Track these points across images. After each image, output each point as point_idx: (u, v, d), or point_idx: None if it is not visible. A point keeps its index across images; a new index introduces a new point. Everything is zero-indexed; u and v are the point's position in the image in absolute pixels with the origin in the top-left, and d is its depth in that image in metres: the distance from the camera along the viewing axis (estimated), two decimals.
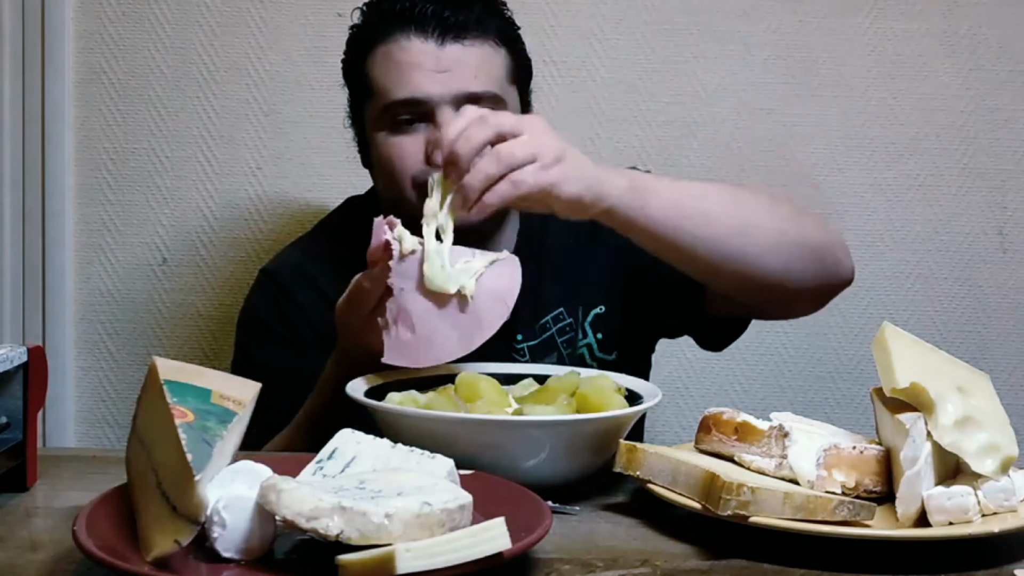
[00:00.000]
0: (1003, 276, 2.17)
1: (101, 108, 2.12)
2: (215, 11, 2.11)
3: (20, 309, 2.13)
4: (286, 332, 1.61)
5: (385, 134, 1.55)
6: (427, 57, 1.52)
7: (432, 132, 1.49)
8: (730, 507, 1.03)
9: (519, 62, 1.60)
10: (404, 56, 1.53)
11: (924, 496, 1.07)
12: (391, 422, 1.20)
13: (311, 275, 1.63)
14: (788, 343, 2.16)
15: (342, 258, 1.51)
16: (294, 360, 1.58)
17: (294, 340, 1.61)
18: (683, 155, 2.13)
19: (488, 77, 1.54)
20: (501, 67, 1.56)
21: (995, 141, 2.15)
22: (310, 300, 1.61)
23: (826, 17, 2.12)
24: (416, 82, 1.51)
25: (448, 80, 1.51)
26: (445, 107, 1.51)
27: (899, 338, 1.17)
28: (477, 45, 1.53)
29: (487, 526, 0.92)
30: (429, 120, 1.52)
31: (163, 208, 2.14)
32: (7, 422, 1.19)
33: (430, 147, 1.43)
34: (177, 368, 1.04)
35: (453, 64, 1.52)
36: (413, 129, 1.53)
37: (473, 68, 1.53)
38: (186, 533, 0.92)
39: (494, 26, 1.56)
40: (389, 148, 1.55)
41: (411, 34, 1.53)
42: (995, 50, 2.13)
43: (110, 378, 2.16)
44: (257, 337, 1.65)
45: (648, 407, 1.25)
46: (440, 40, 1.52)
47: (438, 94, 1.51)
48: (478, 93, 1.51)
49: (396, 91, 1.53)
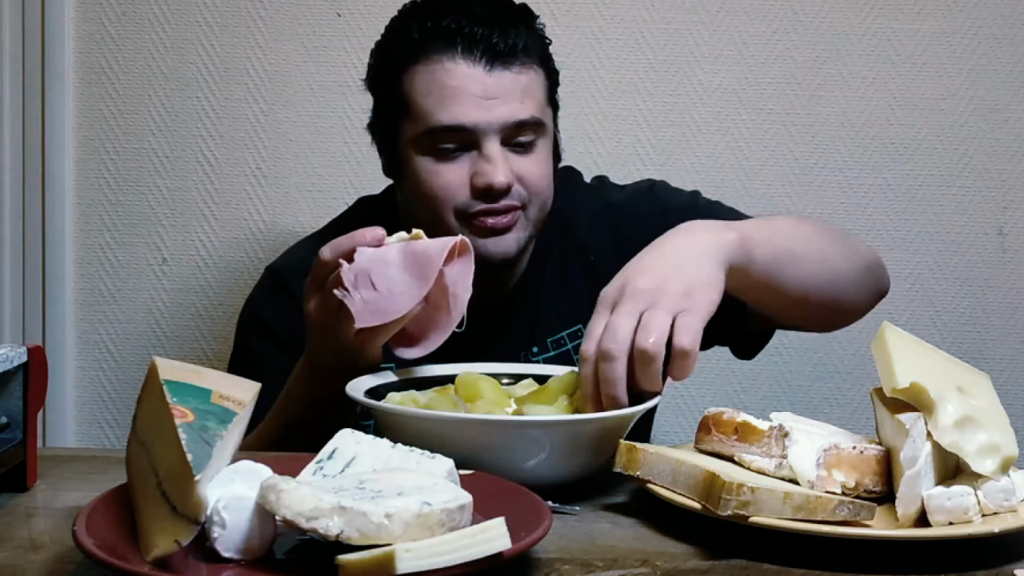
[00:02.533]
0: (1003, 276, 2.17)
1: (101, 108, 2.12)
2: (215, 11, 2.11)
3: (20, 309, 2.13)
4: (284, 333, 1.60)
5: (428, 160, 1.52)
6: (474, 83, 1.49)
7: (479, 163, 1.49)
8: (730, 507, 1.03)
9: (553, 80, 1.59)
10: (449, 80, 1.49)
11: (924, 496, 1.07)
12: (391, 422, 1.20)
13: None
14: (788, 343, 2.16)
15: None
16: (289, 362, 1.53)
17: (291, 342, 1.57)
18: (683, 155, 2.13)
19: (533, 102, 1.52)
20: (542, 89, 1.55)
21: (995, 141, 2.15)
22: None
23: (826, 17, 2.12)
24: (462, 109, 1.48)
25: (495, 107, 1.49)
26: (492, 136, 1.49)
27: (899, 338, 1.17)
28: (524, 71, 1.51)
29: (487, 526, 0.92)
30: (474, 148, 1.50)
31: (163, 208, 2.14)
32: (7, 422, 1.19)
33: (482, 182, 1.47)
34: (177, 368, 1.04)
35: (500, 91, 1.49)
36: (456, 157, 1.51)
37: (519, 95, 1.50)
38: (186, 533, 0.92)
39: (536, 48, 1.54)
40: (432, 177, 1.52)
41: (457, 57, 1.49)
42: (995, 50, 2.13)
43: (110, 378, 2.16)
44: (255, 334, 1.64)
45: (648, 407, 1.25)
46: (488, 66, 1.49)
47: (485, 122, 1.49)
48: (524, 120, 1.50)
49: (440, 116, 1.49)
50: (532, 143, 1.53)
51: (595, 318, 1.23)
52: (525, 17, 1.57)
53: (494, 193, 1.49)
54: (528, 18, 1.57)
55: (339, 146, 2.12)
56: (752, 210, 2.13)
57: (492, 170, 1.48)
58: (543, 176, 1.54)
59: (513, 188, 1.50)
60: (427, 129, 1.51)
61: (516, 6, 1.59)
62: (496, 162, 1.49)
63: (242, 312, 1.70)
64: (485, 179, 1.49)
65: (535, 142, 1.53)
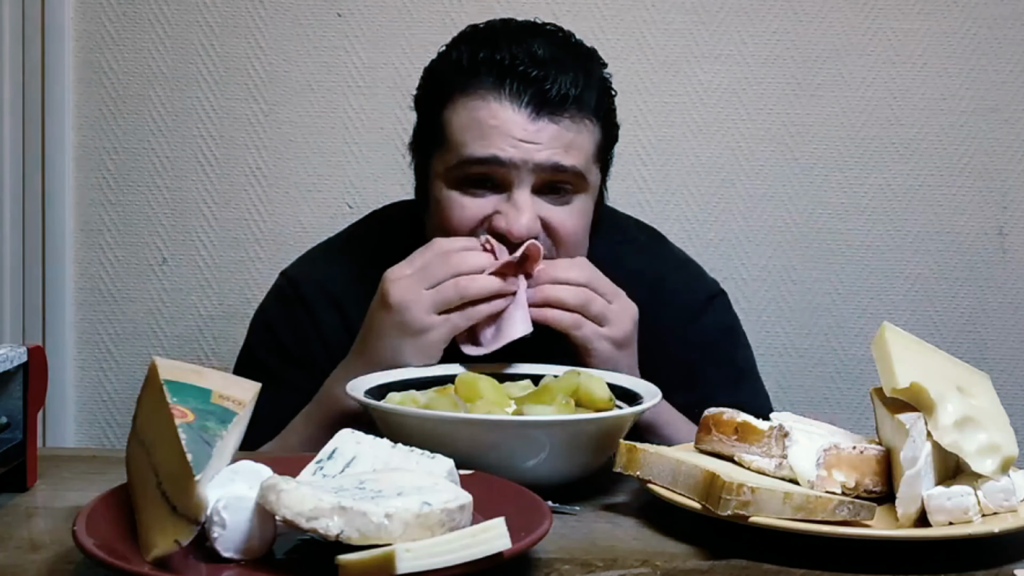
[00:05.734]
0: (1003, 276, 2.17)
1: (101, 108, 2.12)
2: (215, 11, 2.11)
3: (20, 309, 2.13)
4: (294, 346, 1.55)
5: (455, 194, 1.44)
6: (516, 127, 1.40)
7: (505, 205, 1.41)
8: (730, 507, 1.03)
9: (609, 136, 1.50)
10: (490, 119, 1.40)
11: (924, 496, 1.07)
12: (391, 422, 1.20)
13: (334, 293, 1.55)
14: (788, 343, 2.16)
15: (369, 276, 1.43)
16: (294, 375, 1.52)
17: (300, 356, 1.54)
18: (683, 155, 2.13)
19: (577, 154, 1.42)
20: (591, 144, 1.45)
21: (995, 141, 2.15)
22: (329, 318, 1.54)
23: (826, 17, 2.12)
24: (498, 144, 1.40)
25: (534, 152, 1.40)
26: (525, 177, 1.40)
27: (899, 338, 1.17)
28: (573, 125, 1.42)
29: (487, 526, 0.92)
30: (504, 191, 1.42)
31: (163, 208, 2.14)
32: (7, 422, 1.19)
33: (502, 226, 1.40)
34: (177, 368, 1.04)
35: (544, 139, 1.40)
36: (482, 194, 1.43)
37: (563, 146, 1.41)
38: (186, 533, 0.92)
39: (593, 100, 1.45)
40: (452, 206, 1.44)
41: (503, 98, 1.41)
42: (995, 50, 2.13)
43: (110, 378, 2.16)
44: (264, 342, 1.58)
45: (648, 407, 1.25)
46: (534, 113, 1.40)
47: (520, 159, 1.40)
48: (565, 166, 1.41)
49: (474, 149, 1.41)
50: (569, 195, 1.45)
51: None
52: (588, 64, 1.48)
53: (512, 241, 1.40)
54: (591, 65, 1.48)
55: (339, 146, 2.12)
56: (752, 210, 2.14)
57: (516, 215, 1.40)
58: (576, 231, 1.45)
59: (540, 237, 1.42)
60: (459, 161, 1.43)
61: (582, 50, 1.51)
62: (522, 209, 1.40)
63: (254, 319, 1.64)
64: (506, 223, 1.41)
65: (573, 196, 1.45)
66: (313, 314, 1.55)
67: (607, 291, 1.41)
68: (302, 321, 1.55)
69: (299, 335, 1.55)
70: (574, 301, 1.39)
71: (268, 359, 1.56)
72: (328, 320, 1.54)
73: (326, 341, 1.53)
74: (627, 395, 1.31)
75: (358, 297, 1.47)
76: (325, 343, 1.53)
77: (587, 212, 1.48)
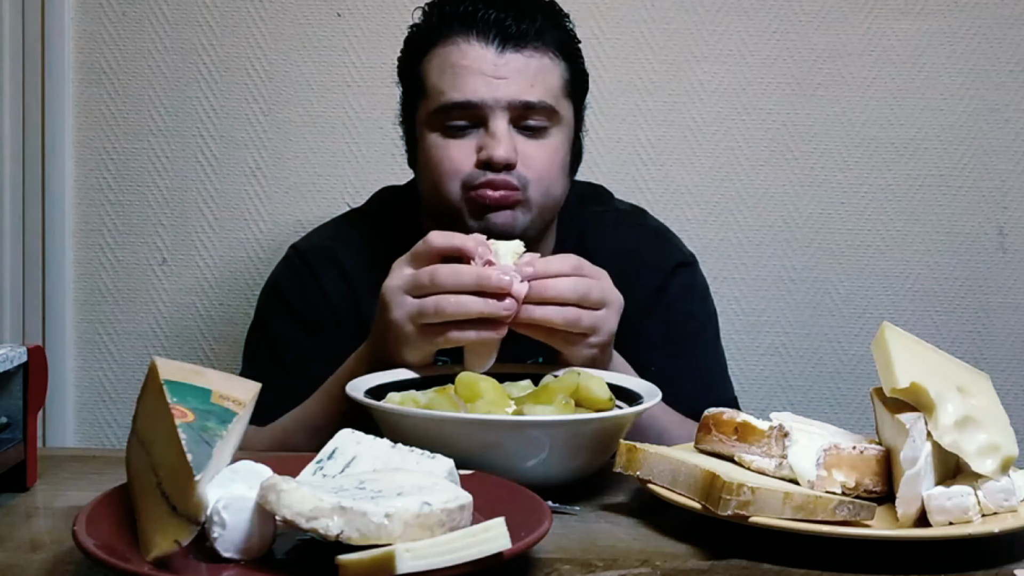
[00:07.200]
0: (1003, 276, 2.17)
1: (101, 108, 2.12)
2: (215, 11, 2.11)
3: (20, 309, 2.13)
4: (303, 311, 1.63)
5: (436, 136, 1.55)
6: (485, 63, 1.52)
7: (485, 138, 1.51)
8: (730, 507, 1.03)
9: (576, 76, 1.60)
10: (461, 59, 1.53)
11: (924, 496, 1.07)
12: (391, 422, 1.20)
13: (340, 260, 1.64)
14: (788, 343, 2.16)
15: (375, 247, 1.58)
16: (304, 340, 1.60)
17: (309, 320, 1.62)
18: (683, 155, 2.13)
19: (545, 88, 1.54)
20: (558, 79, 1.56)
21: (995, 141, 2.15)
22: (334, 285, 1.62)
23: (826, 17, 2.12)
24: (471, 86, 1.52)
25: (504, 87, 1.52)
26: (499, 113, 1.51)
27: (899, 338, 1.17)
28: (536, 56, 1.54)
29: (487, 526, 0.92)
30: (481, 125, 1.53)
31: (163, 208, 2.14)
32: (7, 422, 1.19)
33: (484, 155, 1.50)
34: (177, 368, 1.04)
35: (510, 72, 1.52)
36: (465, 134, 1.54)
37: (530, 78, 1.53)
38: (186, 533, 0.92)
39: (554, 38, 1.56)
40: (439, 151, 1.54)
41: (471, 38, 1.53)
42: (995, 50, 2.13)
43: (110, 378, 2.16)
44: (274, 309, 1.66)
45: (648, 407, 1.25)
46: (500, 47, 1.52)
47: (492, 99, 1.51)
48: (533, 103, 1.52)
49: (450, 93, 1.53)
50: (544, 130, 1.55)
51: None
52: (546, 8, 1.59)
53: (494, 166, 1.51)
54: (549, 10, 1.59)
55: (339, 146, 2.12)
56: (752, 210, 2.14)
57: (495, 144, 1.50)
58: (550, 164, 1.55)
59: (516, 169, 1.52)
60: (439, 106, 1.53)
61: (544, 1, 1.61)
62: (500, 138, 1.51)
63: (264, 290, 1.72)
64: (487, 152, 1.51)
65: (547, 130, 1.55)
66: (319, 280, 1.64)
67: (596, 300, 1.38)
68: (309, 286, 1.64)
69: (307, 301, 1.63)
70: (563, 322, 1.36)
71: (279, 325, 1.64)
72: (334, 288, 1.63)
73: (333, 307, 1.62)
74: (627, 395, 1.31)
75: (364, 266, 1.58)
76: (332, 310, 1.62)
77: (561, 148, 1.57)
